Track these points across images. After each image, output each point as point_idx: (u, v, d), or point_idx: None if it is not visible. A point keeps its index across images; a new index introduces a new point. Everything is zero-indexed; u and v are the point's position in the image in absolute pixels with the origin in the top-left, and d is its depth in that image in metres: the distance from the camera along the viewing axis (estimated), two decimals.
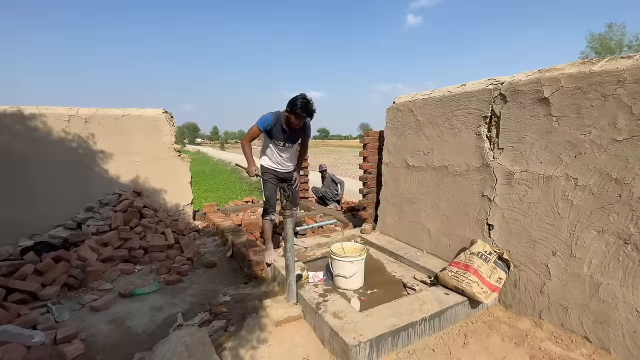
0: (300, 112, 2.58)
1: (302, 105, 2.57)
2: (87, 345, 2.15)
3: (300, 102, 2.57)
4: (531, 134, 2.23)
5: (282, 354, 2.03)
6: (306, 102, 2.58)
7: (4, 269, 2.86)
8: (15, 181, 3.94)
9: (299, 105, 2.56)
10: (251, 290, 2.90)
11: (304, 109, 2.58)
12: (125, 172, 4.52)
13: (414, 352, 2.00)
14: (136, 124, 4.56)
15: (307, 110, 2.59)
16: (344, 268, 2.61)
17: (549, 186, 2.15)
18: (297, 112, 2.58)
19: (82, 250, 3.24)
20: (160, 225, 4.03)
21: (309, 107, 2.59)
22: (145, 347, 2.11)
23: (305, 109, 2.58)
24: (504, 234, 2.46)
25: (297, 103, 2.57)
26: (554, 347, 1.99)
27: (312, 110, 2.62)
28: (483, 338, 2.11)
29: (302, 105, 2.57)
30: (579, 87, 1.96)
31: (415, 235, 3.32)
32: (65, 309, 2.57)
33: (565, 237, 2.09)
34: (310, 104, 2.60)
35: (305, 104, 2.58)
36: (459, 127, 2.76)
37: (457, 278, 2.35)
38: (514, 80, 2.31)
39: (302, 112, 2.58)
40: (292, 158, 3.11)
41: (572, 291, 2.07)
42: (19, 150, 3.93)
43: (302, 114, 2.60)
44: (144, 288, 2.88)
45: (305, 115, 2.62)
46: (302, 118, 2.65)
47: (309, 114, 2.63)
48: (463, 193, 2.76)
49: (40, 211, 4.01)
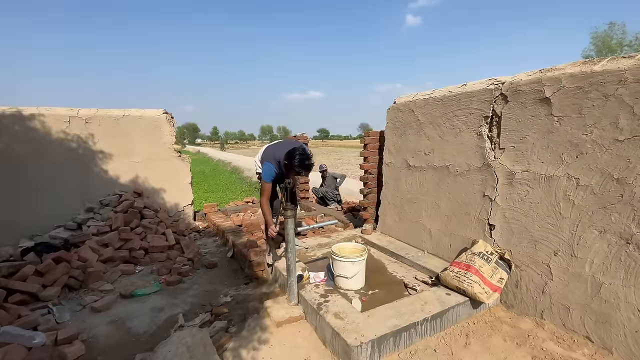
0: (299, 170, 2.52)
1: (299, 163, 2.50)
2: (88, 346, 2.14)
3: (298, 160, 2.49)
4: (532, 133, 2.23)
5: (283, 354, 2.03)
6: (303, 158, 2.51)
7: (5, 270, 2.85)
8: (16, 182, 3.94)
9: (296, 163, 2.49)
10: (252, 290, 2.89)
11: (302, 167, 2.51)
12: (125, 173, 4.52)
13: (415, 353, 2.00)
14: (136, 124, 4.55)
15: (305, 167, 2.52)
16: (345, 268, 2.60)
17: (550, 186, 2.15)
18: (296, 170, 2.53)
19: (83, 251, 3.23)
20: (160, 225, 4.03)
21: (307, 163, 2.52)
22: (146, 348, 2.11)
23: (303, 167, 2.51)
24: (505, 234, 2.46)
25: (295, 161, 2.49)
26: (556, 347, 1.98)
27: (310, 166, 2.55)
28: (485, 338, 2.11)
29: (300, 163, 2.50)
30: (580, 86, 1.96)
31: (416, 236, 3.31)
32: (66, 310, 2.57)
33: (567, 237, 2.08)
34: (309, 158, 2.53)
35: (303, 160, 2.50)
36: (459, 127, 2.75)
37: (459, 278, 2.34)
38: (515, 80, 2.31)
39: (300, 170, 2.53)
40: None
41: (573, 291, 2.06)
42: (19, 151, 3.93)
43: (300, 172, 2.55)
44: (144, 289, 2.88)
45: (304, 173, 2.57)
46: (300, 174, 2.60)
47: (307, 170, 2.56)
48: (464, 193, 2.76)
49: (40, 212, 4.00)
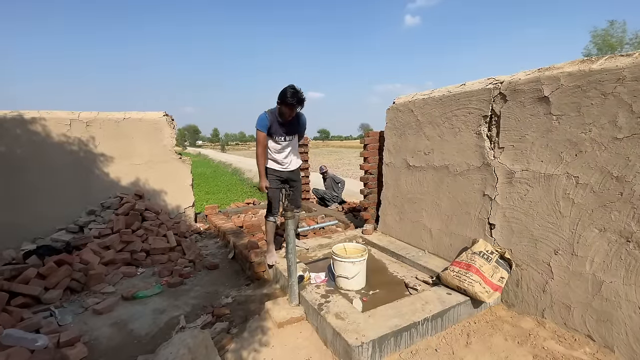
0: (291, 100, 2.67)
1: (291, 94, 2.66)
2: (90, 348, 2.15)
3: (290, 92, 2.66)
4: (531, 132, 2.23)
5: (284, 355, 2.03)
6: (295, 91, 2.67)
7: (7, 273, 2.86)
8: (17, 185, 3.96)
9: (289, 95, 2.66)
10: (253, 292, 2.90)
11: (294, 97, 2.67)
12: (126, 175, 4.54)
13: (416, 353, 2.00)
14: (137, 127, 4.57)
15: (297, 98, 2.68)
16: (345, 269, 2.61)
17: (550, 185, 2.15)
18: (288, 101, 2.67)
19: (85, 253, 3.24)
20: (162, 227, 4.04)
21: (299, 95, 2.69)
22: (148, 349, 2.11)
23: (295, 97, 2.67)
24: (505, 233, 2.46)
25: (287, 93, 2.66)
26: (557, 346, 1.98)
27: (302, 98, 2.71)
28: (486, 337, 2.11)
29: (292, 95, 2.66)
30: (578, 85, 1.96)
31: (416, 236, 3.31)
32: (68, 313, 2.58)
33: (567, 236, 2.08)
34: (300, 92, 2.69)
35: (295, 93, 2.67)
36: (459, 126, 2.76)
37: (459, 278, 2.34)
38: (514, 80, 2.31)
39: (292, 101, 2.67)
40: (293, 156, 3.11)
41: (574, 290, 2.06)
42: (20, 155, 3.94)
43: (293, 102, 2.68)
44: (146, 291, 2.89)
45: (296, 104, 2.70)
46: (294, 107, 2.73)
47: (299, 101, 2.71)
48: (464, 192, 2.76)
49: (42, 215, 4.02)
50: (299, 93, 2.68)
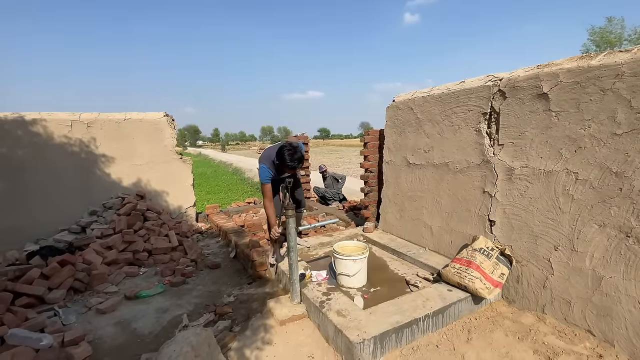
0: (292, 164, 2.58)
1: (289, 157, 2.56)
2: (95, 347, 2.17)
3: (288, 154, 2.56)
4: (531, 129, 2.24)
5: (287, 352, 2.05)
6: (293, 153, 2.57)
7: (11, 274, 2.88)
8: (19, 186, 3.97)
9: (288, 159, 2.55)
10: (255, 290, 2.91)
11: (292, 160, 2.57)
12: (127, 176, 4.55)
13: (417, 349, 2.01)
14: (138, 127, 4.58)
15: (293, 160, 2.58)
16: (346, 266, 2.62)
17: (549, 181, 2.16)
18: (289, 165, 2.58)
19: (87, 253, 3.26)
20: (163, 227, 4.06)
21: (296, 156, 2.58)
22: (151, 348, 2.13)
23: (294, 161, 2.58)
24: (505, 229, 2.47)
25: (286, 158, 2.55)
26: (558, 341, 2.00)
27: (299, 159, 2.61)
28: (487, 333, 2.12)
29: (290, 158, 2.56)
30: (577, 81, 1.97)
31: (417, 233, 3.33)
32: (72, 312, 2.60)
33: (567, 232, 2.09)
34: (296, 153, 2.59)
35: (292, 154, 2.57)
36: (458, 124, 2.77)
37: (460, 274, 2.36)
38: (513, 76, 2.32)
39: (293, 164, 2.59)
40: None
41: (574, 285, 2.08)
42: (22, 156, 3.96)
43: (295, 166, 2.60)
44: (149, 290, 2.91)
45: (297, 165, 2.62)
46: (295, 169, 2.67)
47: (300, 161, 2.63)
48: (464, 190, 2.77)
49: (44, 216, 4.04)
50: (296, 153, 2.58)
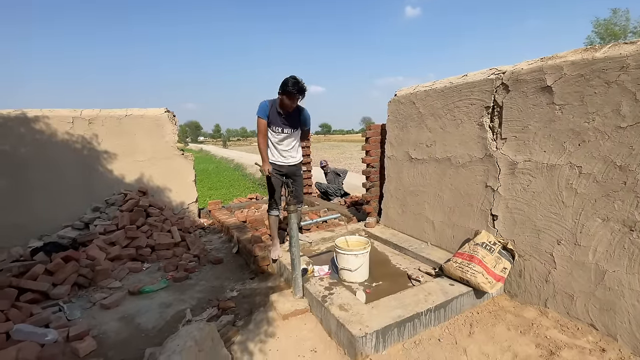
0: (292, 89, 2.66)
1: (292, 83, 2.66)
2: (99, 342, 2.19)
3: (291, 81, 2.66)
4: (534, 123, 2.22)
5: (289, 346, 2.06)
6: (296, 81, 2.67)
7: (15, 270, 2.91)
8: (22, 183, 4.00)
9: (290, 84, 2.65)
10: (258, 285, 2.93)
11: (295, 86, 2.66)
12: (129, 172, 4.56)
13: (420, 343, 2.02)
14: (139, 123, 4.58)
15: (298, 87, 2.67)
16: (348, 261, 2.62)
17: (552, 175, 2.15)
18: (289, 89, 2.66)
19: (91, 249, 3.28)
20: (166, 223, 4.07)
21: (300, 84, 2.68)
22: (155, 342, 2.15)
23: (296, 86, 2.67)
24: (508, 224, 2.46)
25: (289, 82, 2.66)
26: (560, 335, 2.00)
27: (303, 88, 2.70)
28: (489, 327, 2.13)
29: (293, 84, 2.66)
30: (581, 74, 1.95)
31: (419, 228, 3.32)
32: (77, 308, 2.62)
33: (570, 226, 2.08)
34: (301, 82, 2.69)
35: (296, 82, 2.66)
36: (461, 118, 2.75)
37: (462, 269, 2.35)
38: (516, 69, 2.30)
39: (293, 89, 2.66)
40: (293, 149, 3.08)
41: (577, 279, 2.07)
42: (25, 153, 3.98)
43: (294, 91, 2.67)
44: (152, 285, 2.92)
45: (297, 93, 2.69)
46: (295, 97, 2.72)
47: (300, 91, 2.70)
48: (466, 184, 2.76)
49: (48, 212, 4.07)
50: (300, 82, 2.68)
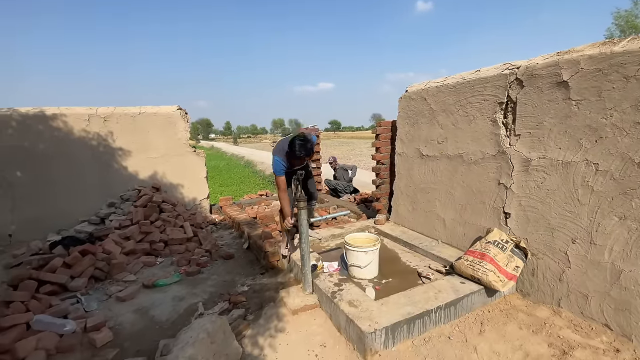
0: (299, 153, 2.64)
1: (299, 147, 2.62)
2: (115, 333, 2.26)
3: (297, 144, 2.63)
4: (549, 119, 2.17)
5: (299, 340, 2.09)
6: (303, 144, 2.63)
7: (35, 263, 3.01)
8: (41, 179, 4.13)
9: (297, 148, 2.62)
10: (268, 280, 2.96)
11: (302, 150, 2.63)
12: (143, 169, 4.66)
13: (429, 340, 2.02)
14: (152, 121, 4.67)
15: (305, 150, 2.64)
16: (358, 258, 2.63)
17: (568, 172, 2.10)
18: (296, 153, 2.64)
19: (107, 243, 3.37)
20: (179, 219, 4.15)
21: (307, 147, 2.64)
22: (169, 334, 2.20)
23: (302, 150, 2.63)
24: (521, 222, 2.43)
25: (295, 146, 2.63)
26: (573, 335, 1.97)
27: (310, 150, 2.67)
28: (500, 326, 2.11)
29: (299, 147, 2.63)
30: (599, 68, 1.90)
31: (429, 225, 3.30)
32: (94, 300, 2.70)
33: (586, 224, 2.04)
34: (308, 142, 2.65)
35: (302, 145, 2.63)
36: (473, 114, 2.71)
37: (473, 267, 2.33)
38: (531, 64, 2.25)
39: (300, 153, 2.64)
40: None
41: (592, 279, 2.03)
42: (43, 150, 4.10)
43: (301, 155, 2.66)
44: (165, 279, 2.99)
45: (305, 156, 2.68)
46: (302, 159, 2.72)
47: (308, 154, 2.68)
48: (478, 181, 2.73)
49: (65, 207, 4.19)
50: (307, 144, 2.64)
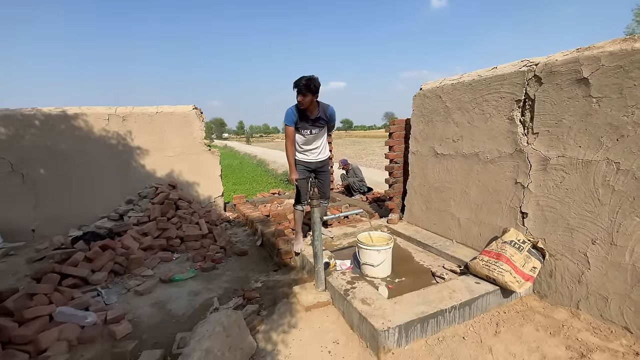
0: (295, 88, 2.75)
1: (298, 81, 2.73)
2: (134, 325, 2.33)
3: (298, 80, 2.74)
4: (569, 116, 2.13)
5: (312, 337, 2.11)
6: (301, 78, 2.73)
7: (58, 257, 3.13)
8: (63, 177, 4.28)
9: (294, 84, 2.75)
10: (281, 277, 3.00)
11: (299, 84, 2.72)
12: (160, 167, 4.78)
13: (443, 339, 2.01)
14: (169, 120, 4.78)
15: (304, 84, 2.71)
16: (371, 256, 2.63)
17: (588, 171, 2.05)
18: (298, 88, 2.74)
19: (126, 239, 3.48)
20: (194, 216, 4.23)
21: (306, 81, 2.72)
22: (185, 328, 2.26)
23: (300, 84, 2.72)
24: (539, 222, 2.38)
25: (296, 82, 2.75)
26: (592, 337, 1.92)
27: (308, 84, 2.73)
28: (516, 327, 2.08)
29: (298, 81, 2.73)
30: (620, 65, 1.84)
31: (444, 225, 3.27)
32: (113, 293, 2.79)
33: (606, 225, 1.99)
34: (309, 78, 2.73)
35: (300, 79, 2.73)
36: (490, 112, 2.67)
37: (489, 267, 2.30)
38: (550, 61, 2.20)
39: (295, 88, 2.75)
40: (320, 147, 3.11)
41: (612, 281, 1.98)
42: (65, 148, 4.25)
43: (301, 90, 2.74)
44: (181, 274, 3.06)
45: (305, 90, 2.74)
46: (299, 94, 2.77)
47: (307, 87, 2.73)
48: (495, 180, 2.69)
49: (86, 204, 4.34)
50: (306, 78, 2.72)
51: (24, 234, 4.13)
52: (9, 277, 3.11)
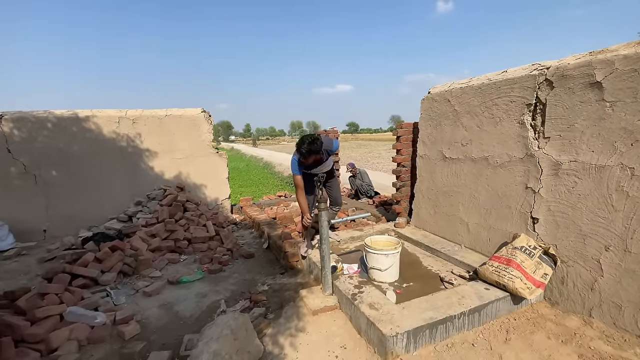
0: (305, 153, 2.70)
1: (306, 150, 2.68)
2: (142, 326, 2.35)
3: (304, 145, 2.69)
4: (581, 121, 2.10)
5: (319, 341, 2.09)
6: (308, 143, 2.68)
7: (68, 257, 3.17)
8: (74, 178, 4.34)
9: (304, 149, 2.69)
10: (287, 280, 2.99)
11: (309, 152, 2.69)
12: (168, 169, 4.82)
13: (452, 346, 1.98)
14: (178, 123, 4.82)
15: (308, 149, 2.68)
16: (378, 261, 2.61)
17: (601, 177, 2.02)
18: (303, 153, 2.71)
19: (134, 240, 3.51)
20: (202, 218, 4.26)
21: (312, 147, 2.68)
22: (192, 329, 2.27)
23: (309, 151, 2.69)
24: (550, 227, 2.34)
25: (302, 146, 2.69)
26: (605, 346, 1.88)
27: (311, 150, 2.69)
28: (527, 335, 2.04)
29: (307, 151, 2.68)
30: (635, 69, 1.81)
31: (452, 229, 3.24)
32: (122, 294, 2.81)
33: (620, 231, 1.95)
34: (314, 142, 2.69)
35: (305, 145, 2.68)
36: (500, 116, 2.64)
37: (499, 273, 2.27)
38: (562, 65, 2.18)
39: (305, 153, 2.70)
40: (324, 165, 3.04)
41: (626, 288, 1.93)
42: (76, 150, 4.32)
43: (308, 156, 2.72)
44: (189, 276, 3.08)
45: (310, 156, 2.72)
46: (309, 157, 2.75)
47: (310, 152, 2.70)
48: (504, 185, 2.66)
49: (95, 205, 4.39)
50: (313, 145, 2.68)
51: (36, 234, 4.19)
52: (21, 276, 3.16)
